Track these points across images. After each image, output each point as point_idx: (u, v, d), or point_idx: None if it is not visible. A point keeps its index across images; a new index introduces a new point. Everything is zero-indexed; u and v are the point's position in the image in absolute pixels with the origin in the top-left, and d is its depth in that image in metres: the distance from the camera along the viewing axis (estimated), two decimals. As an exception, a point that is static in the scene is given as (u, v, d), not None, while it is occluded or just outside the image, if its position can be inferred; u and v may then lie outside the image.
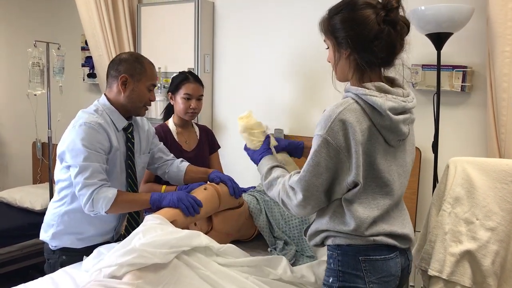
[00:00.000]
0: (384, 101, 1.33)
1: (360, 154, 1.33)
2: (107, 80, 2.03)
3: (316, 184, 1.37)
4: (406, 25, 1.39)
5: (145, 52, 3.38)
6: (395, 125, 1.36)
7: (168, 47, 3.33)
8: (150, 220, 1.82)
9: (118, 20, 3.46)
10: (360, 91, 1.35)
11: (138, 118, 2.14)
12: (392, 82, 1.46)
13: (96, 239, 2.02)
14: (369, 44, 1.35)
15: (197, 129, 2.64)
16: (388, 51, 1.37)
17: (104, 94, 2.02)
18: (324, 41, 1.48)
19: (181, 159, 2.31)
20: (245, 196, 2.34)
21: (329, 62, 1.49)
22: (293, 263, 2.09)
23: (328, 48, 1.47)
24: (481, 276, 1.73)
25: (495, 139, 2.25)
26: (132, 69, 1.97)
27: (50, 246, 2.02)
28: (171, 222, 1.87)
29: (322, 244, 1.51)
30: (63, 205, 1.97)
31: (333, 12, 1.41)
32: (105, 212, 1.84)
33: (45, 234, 2.02)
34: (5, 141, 4.36)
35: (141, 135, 2.13)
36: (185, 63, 3.21)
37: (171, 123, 2.54)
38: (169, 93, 2.53)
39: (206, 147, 2.63)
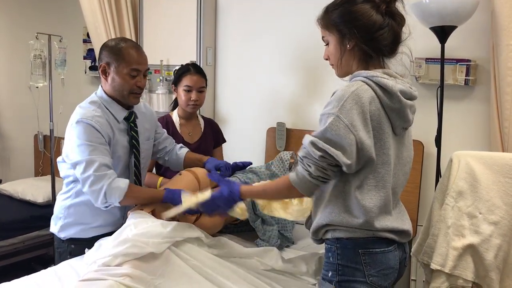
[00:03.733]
0: (395, 84, 1.37)
1: (371, 131, 1.34)
2: None
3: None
4: (403, 17, 1.43)
5: (147, 45, 3.36)
6: (403, 108, 1.39)
7: (170, 40, 3.32)
8: (137, 215, 1.83)
9: (120, 13, 3.44)
10: (370, 73, 1.37)
11: (142, 104, 2.12)
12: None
13: (104, 229, 2.00)
14: (374, 33, 1.38)
15: (202, 122, 2.64)
16: (392, 40, 1.41)
17: (101, 85, 1.98)
18: (323, 38, 1.49)
19: (180, 144, 2.31)
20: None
21: (326, 59, 1.51)
22: (279, 245, 2.14)
23: (327, 44, 1.48)
24: (484, 270, 1.73)
25: (498, 133, 2.25)
26: (110, 56, 1.88)
27: (60, 237, 2.04)
28: (151, 211, 1.89)
29: (321, 240, 1.51)
30: (69, 198, 1.98)
31: (332, 7, 1.44)
32: (119, 202, 1.80)
33: (55, 227, 2.04)
34: (7, 133, 4.36)
35: (145, 122, 2.10)
36: (187, 56, 3.20)
37: (175, 115, 2.56)
38: (173, 85, 2.53)
39: (210, 140, 2.63)
